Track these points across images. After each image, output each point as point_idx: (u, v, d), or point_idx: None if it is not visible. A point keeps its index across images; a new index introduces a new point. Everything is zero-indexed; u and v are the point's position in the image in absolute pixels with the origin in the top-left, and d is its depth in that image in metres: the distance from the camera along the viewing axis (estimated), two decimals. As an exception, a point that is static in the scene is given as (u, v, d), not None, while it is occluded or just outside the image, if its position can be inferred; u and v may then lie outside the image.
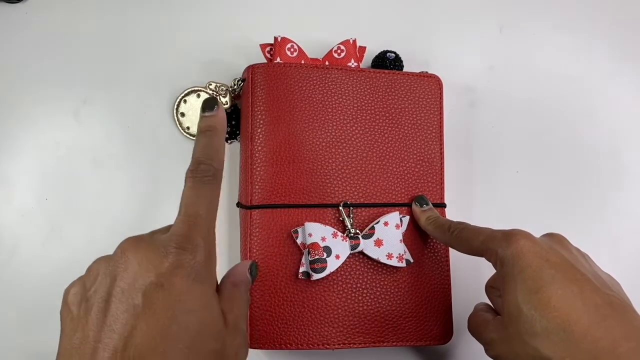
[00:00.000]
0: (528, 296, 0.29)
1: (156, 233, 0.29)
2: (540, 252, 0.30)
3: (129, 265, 0.26)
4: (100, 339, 0.25)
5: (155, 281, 0.25)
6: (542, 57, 0.49)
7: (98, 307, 0.25)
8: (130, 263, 0.26)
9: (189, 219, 0.28)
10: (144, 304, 0.25)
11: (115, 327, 0.25)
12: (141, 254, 0.26)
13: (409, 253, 0.40)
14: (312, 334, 0.38)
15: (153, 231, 0.30)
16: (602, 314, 0.28)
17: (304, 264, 0.38)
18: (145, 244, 0.27)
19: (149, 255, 0.26)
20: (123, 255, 0.27)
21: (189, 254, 0.27)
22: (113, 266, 0.26)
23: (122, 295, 0.25)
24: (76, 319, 0.26)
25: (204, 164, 0.29)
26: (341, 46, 0.42)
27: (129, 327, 0.25)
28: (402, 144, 0.42)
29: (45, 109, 0.44)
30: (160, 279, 0.26)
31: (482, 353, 0.34)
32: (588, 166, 0.48)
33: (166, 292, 0.25)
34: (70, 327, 0.26)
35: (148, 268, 0.26)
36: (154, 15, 0.45)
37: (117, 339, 0.24)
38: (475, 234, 0.34)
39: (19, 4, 0.44)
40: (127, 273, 0.26)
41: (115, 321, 0.25)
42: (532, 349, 0.29)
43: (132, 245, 0.27)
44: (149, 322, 0.25)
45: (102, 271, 0.27)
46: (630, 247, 0.47)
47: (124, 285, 0.26)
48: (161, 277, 0.26)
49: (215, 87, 0.43)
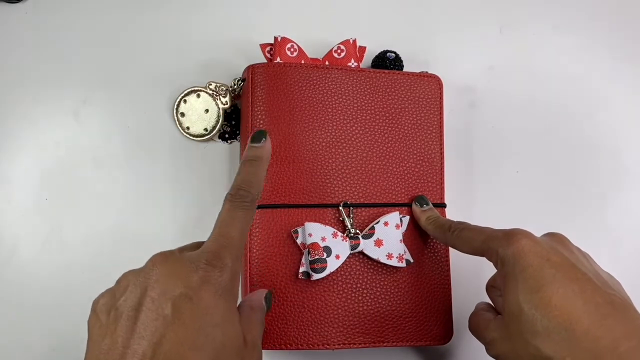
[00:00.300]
0: (529, 295, 0.29)
1: (185, 249, 0.30)
2: (541, 251, 0.30)
3: (160, 277, 0.27)
4: (129, 345, 0.25)
5: (184, 293, 0.26)
6: (542, 57, 0.49)
7: (127, 315, 0.26)
8: (161, 275, 0.27)
9: (221, 238, 0.29)
10: (173, 314, 0.26)
11: (144, 334, 0.25)
12: (171, 267, 0.27)
13: (409, 253, 0.40)
14: (312, 334, 0.38)
15: (182, 247, 0.31)
16: (603, 313, 0.28)
17: (303, 264, 0.38)
18: (176, 258, 0.28)
19: (179, 268, 0.27)
20: (154, 268, 0.28)
21: (217, 271, 0.28)
22: (144, 277, 0.27)
23: (152, 304, 0.26)
24: (104, 326, 0.27)
25: (243, 190, 0.31)
26: (341, 46, 0.42)
27: (158, 335, 0.25)
28: (402, 144, 0.42)
29: (45, 109, 0.44)
30: (189, 291, 0.26)
31: (482, 353, 0.34)
32: (588, 166, 0.48)
33: (194, 304, 0.26)
34: (98, 333, 0.27)
35: (178, 280, 0.27)
36: (154, 15, 0.45)
37: (146, 346, 0.25)
38: (476, 233, 0.34)
39: (19, 4, 0.44)
40: (157, 284, 0.27)
41: (145, 329, 0.25)
42: (533, 348, 0.29)
43: (163, 259, 0.28)
44: (178, 331, 0.25)
45: (132, 282, 0.28)
46: (630, 247, 0.47)
47: (154, 295, 0.26)
48: (190, 290, 0.27)
49: (215, 87, 0.43)
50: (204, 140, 0.43)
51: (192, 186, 0.43)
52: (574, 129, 0.48)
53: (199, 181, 0.43)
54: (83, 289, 0.41)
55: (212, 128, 0.43)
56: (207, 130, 0.43)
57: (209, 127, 0.43)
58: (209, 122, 0.43)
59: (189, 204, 0.43)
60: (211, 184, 0.43)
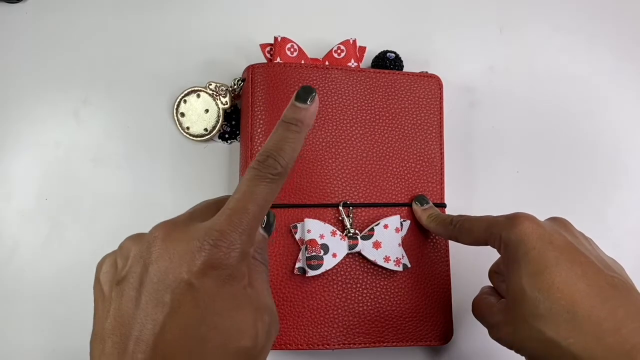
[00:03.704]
0: (532, 278, 0.29)
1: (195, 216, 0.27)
2: (544, 234, 0.30)
3: (161, 256, 0.25)
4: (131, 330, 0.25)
5: (186, 278, 0.25)
6: (542, 57, 0.49)
7: (129, 295, 0.25)
8: (162, 254, 0.25)
9: (235, 215, 0.26)
10: (172, 304, 0.24)
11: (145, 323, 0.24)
12: (174, 245, 0.25)
13: (407, 257, 0.40)
14: (312, 334, 0.38)
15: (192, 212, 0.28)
16: (605, 295, 0.28)
17: (300, 259, 0.38)
18: (179, 234, 0.26)
19: (182, 248, 0.25)
20: (155, 242, 0.26)
21: (222, 254, 0.25)
22: (146, 252, 0.26)
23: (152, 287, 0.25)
24: (107, 300, 0.26)
25: (272, 159, 0.27)
26: (341, 46, 0.42)
27: (159, 325, 0.24)
28: (402, 144, 0.42)
29: (45, 109, 0.44)
30: (191, 277, 0.25)
31: (482, 353, 0.34)
32: (588, 166, 0.48)
33: (195, 292, 0.25)
34: (101, 308, 0.26)
35: (180, 263, 0.25)
36: (154, 15, 0.45)
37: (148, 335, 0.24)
38: (478, 222, 0.34)
39: (19, 3, 0.44)
40: (157, 265, 0.25)
41: (146, 316, 0.25)
42: (536, 331, 0.29)
43: (166, 232, 0.26)
44: (179, 321, 0.24)
45: (133, 254, 0.26)
46: (630, 247, 0.47)
47: (154, 278, 0.25)
48: (192, 275, 0.25)
49: (215, 87, 0.43)
50: (204, 140, 0.43)
51: (192, 186, 0.43)
52: (574, 129, 0.48)
53: (199, 181, 0.43)
54: (83, 289, 0.41)
55: (212, 128, 0.43)
56: (207, 130, 0.43)
57: (209, 127, 0.43)
58: (209, 122, 0.43)
59: (189, 204, 0.43)
60: (211, 184, 0.43)
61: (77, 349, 0.41)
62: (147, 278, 0.25)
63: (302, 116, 0.28)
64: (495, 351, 0.37)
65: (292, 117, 0.28)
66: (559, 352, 0.28)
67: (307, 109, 0.28)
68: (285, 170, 0.27)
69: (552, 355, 0.29)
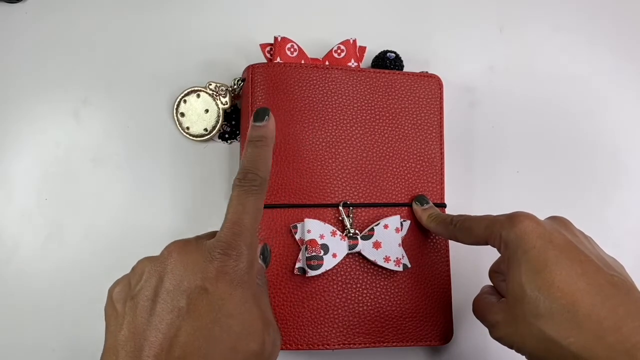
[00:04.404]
0: (532, 277, 0.29)
1: (201, 238, 0.30)
2: (544, 233, 0.30)
3: (176, 266, 0.27)
4: (146, 337, 0.26)
5: (200, 284, 0.27)
6: (542, 57, 0.49)
7: (143, 306, 0.27)
8: (177, 264, 0.27)
9: (234, 227, 0.29)
10: (188, 307, 0.26)
11: (160, 327, 0.26)
12: (187, 257, 0.28)
13: (407, 258, 0.40)
14: (311, 334, 0.38)
15: (198, 236, 0.31)
16: (606, 294, 0.28)
17: (300, 259, 0.38)
18: (192, 248, 0.28)
19: (195, 258, 0.28)
20: (170, 257, 0.28)
21: (232, 261, 0.28)
22: (160, 266, 0.28)
23: (167, 296, 0.27)
24: (121, 316, 0.27)
25: (251, 173, 0.30)
26: (341, 46, 0.42)
27: (175, 328, 0.26)
28: (402, 144, 0.42)
29: (45, 109, 0.44)
30: (205, 283, 0.27)
31: (483, 353, 0.34)
32: (588, 166, 0.48)
33: (210, 295, 0.27)
34: (114, 323, 0.27)
35: (194, 271, 0.27)
36: (154, 15, 0.45)
37: (163, 338, 0.25)
38: (478, 221, 0.34)
39: (19, 3, 0.44)
40: (173, 274, 0.27)
41: (161, 321, 0.26)
42: (537, 330, 0.29)
43: (179, 247, 0.28)
44: (194, 324, 0.26)
45: (148, 270, 0.28)
46: (630, 247, 0.47)
47: (169, 287, 0.27)
48: (206, 281, 0.27)
49: (215, 87, 0.43)
50: (204, 140, 0.43)
51: (192, 186, 0.43)
52: (574, 129, 0.48)
53: (199, 181, 0.43)
54: (83, 289, 0.41)
55: (212, 128, 0.43)
56: (207, 130, 0.43)
57: (209, 127, 0.43)
58: (209, 122, 0.43)
59: (189, 204, 0.43)
60: (211, 184, 0.43)
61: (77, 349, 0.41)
62: (162, 288, 0.27)
63: (264, 132, 0.32)
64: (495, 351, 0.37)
65: (256, 135, 0.32)
66: (560, 351, 0.28)
67: (267, 126, 0.33)
68: (265, 180, 0.31)
69: (552, 355, 0.29)
